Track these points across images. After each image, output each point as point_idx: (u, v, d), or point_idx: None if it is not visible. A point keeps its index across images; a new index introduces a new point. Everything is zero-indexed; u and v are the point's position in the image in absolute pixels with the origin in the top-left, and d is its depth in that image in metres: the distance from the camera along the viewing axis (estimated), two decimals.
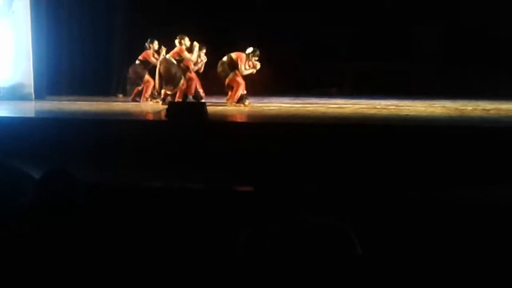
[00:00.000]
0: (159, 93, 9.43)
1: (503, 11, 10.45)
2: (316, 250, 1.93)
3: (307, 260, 1.90)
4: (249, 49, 8.94)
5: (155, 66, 9.45)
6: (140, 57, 9.81)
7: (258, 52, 8.93)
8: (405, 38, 11.02)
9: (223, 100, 9.16)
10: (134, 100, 9.97)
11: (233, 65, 8.93)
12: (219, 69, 9.01)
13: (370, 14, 11.34)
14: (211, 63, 9.47)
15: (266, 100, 9.67)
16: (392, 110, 7.92)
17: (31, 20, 10.01)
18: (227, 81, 8.99)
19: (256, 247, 1.97)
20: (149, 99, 9.82)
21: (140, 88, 9.99)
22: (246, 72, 8.92)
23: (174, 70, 9.18)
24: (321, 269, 1.89)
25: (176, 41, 9.25)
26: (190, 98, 9.49)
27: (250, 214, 2.10)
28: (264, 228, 2.03)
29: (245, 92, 8.97)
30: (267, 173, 2.12)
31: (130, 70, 10.09)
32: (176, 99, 9.08)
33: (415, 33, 11.03)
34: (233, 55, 8.98)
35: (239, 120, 7.34)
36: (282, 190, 2.06)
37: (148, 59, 9.72)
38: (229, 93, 9.06)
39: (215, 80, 9.41)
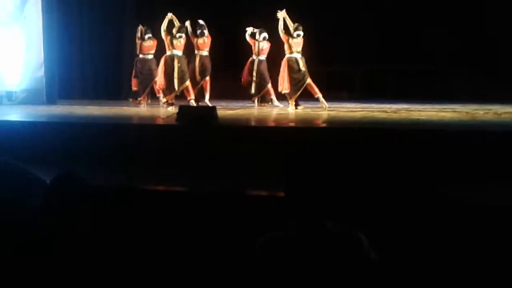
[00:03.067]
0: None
1: None
2: (331, 257, 1.92)
3: (321, 266, 1.89)
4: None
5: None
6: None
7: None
8: (415, 41, 10.95)
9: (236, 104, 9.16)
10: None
11: None
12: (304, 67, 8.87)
13: (380, 17, 11.28)
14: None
15: (275, 103, 9.64)
16: (402, 114, 7.88)
17: (43, 25, 10.08)
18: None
19: (270, 252, 1.95)
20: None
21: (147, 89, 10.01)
22: None
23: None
24: (334, 275, 1.88)
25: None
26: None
27: (261, 219, 2.09)
28: (275, 233, 2.02)
29: None
30: (278, 177, 2.11)
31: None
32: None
33: (425, 35, 10.95)
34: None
35: (248, 124, 7.33)
36: (293, 194, 2.05)
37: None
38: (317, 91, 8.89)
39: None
